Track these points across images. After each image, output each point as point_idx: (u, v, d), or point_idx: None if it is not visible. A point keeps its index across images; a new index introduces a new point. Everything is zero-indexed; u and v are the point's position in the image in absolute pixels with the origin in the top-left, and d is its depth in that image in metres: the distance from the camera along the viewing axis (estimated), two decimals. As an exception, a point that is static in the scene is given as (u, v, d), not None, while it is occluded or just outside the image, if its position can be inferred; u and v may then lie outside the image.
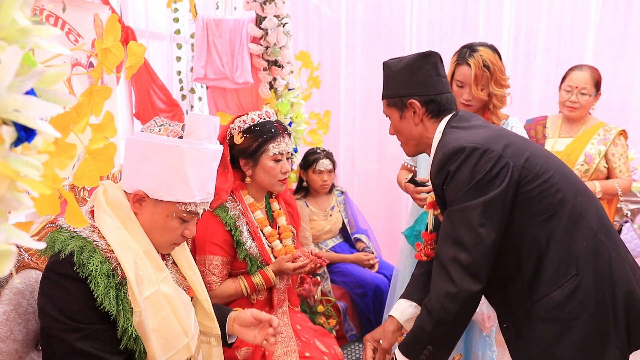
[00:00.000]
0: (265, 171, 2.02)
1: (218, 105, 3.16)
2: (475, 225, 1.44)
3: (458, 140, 1.51)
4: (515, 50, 3.89)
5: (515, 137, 1.57)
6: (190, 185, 1.39)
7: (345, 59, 4.11)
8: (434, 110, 1.63)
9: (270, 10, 2.88)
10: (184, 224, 1.46)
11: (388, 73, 1.70)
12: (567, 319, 1.45)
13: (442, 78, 1.66)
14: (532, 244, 1.48)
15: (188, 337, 1.44)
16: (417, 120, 1.64)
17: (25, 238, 0.64)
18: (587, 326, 1.44)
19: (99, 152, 0.83)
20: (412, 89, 1.63)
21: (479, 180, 1.44)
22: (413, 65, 1.63)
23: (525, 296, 1.50)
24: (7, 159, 0.59)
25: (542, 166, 1.49)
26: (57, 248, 1.30)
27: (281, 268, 2.01)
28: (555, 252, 1.46)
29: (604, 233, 1.49)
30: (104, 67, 0.93)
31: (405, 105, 1.64)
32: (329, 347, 2.06)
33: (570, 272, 1.45)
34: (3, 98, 0.57)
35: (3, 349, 1.39)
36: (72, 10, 2.07)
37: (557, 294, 1.45)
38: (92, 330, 1.28)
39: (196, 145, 1.38)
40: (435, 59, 1.64)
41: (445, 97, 1.64)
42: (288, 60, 3.05)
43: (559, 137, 2.86)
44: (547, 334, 1.48)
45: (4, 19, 0.60)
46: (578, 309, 1.44)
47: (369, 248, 3.31)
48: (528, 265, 1.49)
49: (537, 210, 1.47)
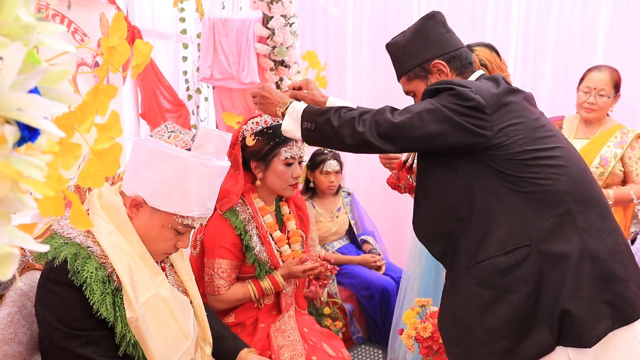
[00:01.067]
0: (276, 175, 1.99)
1: (224, 105, 3.15)
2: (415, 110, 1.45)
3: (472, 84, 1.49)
4: (525, 50, 3.86)
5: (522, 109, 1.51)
6: (190, 200, 1.36)
7: (352, 60, 4.09)
8: (458, 66, 1.61)
9: (277, 10, 2.86)
10: (178, 236, 1.43)
11: (397, 50, 1.67)
12: (502, 288, 1.41)
13: (453, 34, 1.65)
14: (490, 199, 1.44)
15: (189, 340, 1.42)
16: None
17: (29, 240, 0.63)
18: (521, 303, 1.40)
19: (104, 153, 0.81)
20: (430, 51, 1.60)
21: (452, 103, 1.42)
22: (422, 30, 1.61)
23: (471, 254, 1.46)
24: (10, 159, 0.58)
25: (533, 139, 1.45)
26: (50, 255, 1.28)
27: (290, 272, 1.99)
28: (513, 217, 1.42)
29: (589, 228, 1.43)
30: (110, 66, 0.91)
31: (429, 71, 1.61)
32: (337, 350, 2.04)
33: (522, 242, 1.41)
34: (6, 96, 0.55)
35: (7, 351, 1.37)
36: (78, 10, 2.06)
37: (503, 259, 1.41)
38: (92, 336, 1.27)
39: (203, 160, 1.36)
40: (441, 17, 1.63)
41: (464, 51, 1.64)
42: (295, 60, 3.04)
43: (574, 139, 2.80)
44: (477, 297, 1.45)
45: (7, 16, 0.58)
46: (517, 282, 1.40)
47: (376, 250, 3.29)
48: (480, 220, 1.45)
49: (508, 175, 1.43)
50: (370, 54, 4.05)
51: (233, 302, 1.98)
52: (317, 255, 2.11)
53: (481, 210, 1.45)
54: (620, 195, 2.64)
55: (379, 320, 3.00)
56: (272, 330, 1.98)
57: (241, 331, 1.98)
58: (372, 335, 3.03)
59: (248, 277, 2.01)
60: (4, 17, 0.58)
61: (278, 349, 1.92)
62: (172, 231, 1.40)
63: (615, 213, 2.69)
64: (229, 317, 2.02)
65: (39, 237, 1.56)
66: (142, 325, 1.29)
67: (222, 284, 1.95)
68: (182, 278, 1.56)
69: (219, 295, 1.95)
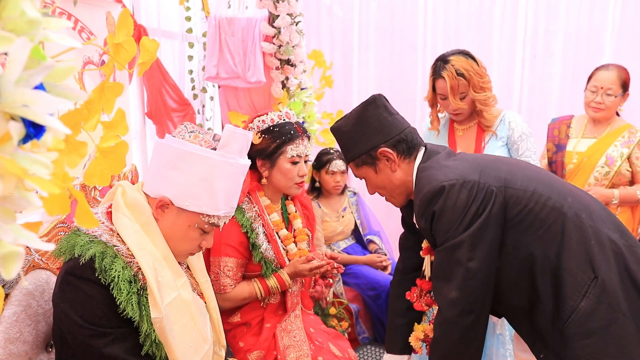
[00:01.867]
0: (282, 173, 1.98)
1: (230, 104, 3.14)
2: (463, 261, 1.42)
3: (431, 181, 1.48)
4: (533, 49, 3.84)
5: (487, 159, 1.54)
6: (217, 199, 1.37)
7: (358, 59, 4.08)
8: (404, 149, 1.59)
9: (283, 9, 2.85)
10: (203, 235, 1.44)
11: (341, 136, 1.65)
12: (602, 327, 1.38)
13: (396, 115, 1.62)
14: (543, 261, 1.43)
15: (207, 343, 1.43)
16: (395, 167, 1.60)
17: (34, 239, 0.62)
18: (625, 327, 1.37)
19: (110, 151, 0.81)
20: (374, 138, 1.58)
21: (465, 214, 1.42)
22: (363, 116, 1.59)
23: (554, 318, 1.44)
24: (15, 156, 0.57)
25: (523, 181, 1.46)
26: (77, 252, 1.27)
27: (296, 270, 1.99)
28: (568, 262, 1.41)
29: (604, 225, 1.44)
30: (116, 63, 0.90)
31: (376, 158, 1.60)
32: (343, 350, 2.03)
33: (589, 277, 1.39)
34: (11, 92, 0.55)
35: (12, 350, 1.37)
36: (84, 8, 2.05)
37: (584, 304, 1.39)
38: (119, 333, 1.27)
39: (229, 159, 1.37)
40: (382, 101, 1.60)
41: (409, 132, 1.61)
42: (301, 59, 3.02)
43: (582, 138, 2.78)
44: (587, 349, 1.40)
45: (13, 11, 0.57)
46: (609, 313, 1.38)
47: (382, 250, 3.27)
48: (545, 284, 1.44)
49: (534, 226, 1.43)
50: (376, 53, 4.04)
51: (239, 301, 1.97)
52: (324, 254, 2.10)
53: (541, 272, 1.44)
54: (626, 196, 2.62)
55: (385, 320, 2.98)
56: (278, 330, 1.97)
57: (247, 331, 1.97)
58: (378, 336, 3.01)
59: (254, 275, 2.01)
60: (9, 12, 0.57)
61: (284, 349, 1.91)
62: (198, 231, 1.41)
63: (623, 213, 2.67)
64: (235, 316, 2.01)
65: (45, 236, 1.56)
66: (166, 325, 1.29)
67: (228, 283, 1.94)
68: (198, 280, 1.57)
69: (225, 293, 1.94)
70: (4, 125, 0.55)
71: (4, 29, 0.56)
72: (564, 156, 2.77)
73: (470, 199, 1.41)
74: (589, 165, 2.69)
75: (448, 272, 1.46)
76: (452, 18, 3.91)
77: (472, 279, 1.42)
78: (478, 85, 2.23)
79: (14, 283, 1.43)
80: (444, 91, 2.25)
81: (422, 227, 1.53)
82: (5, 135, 0.55)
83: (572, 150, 2.76)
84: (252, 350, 1.91)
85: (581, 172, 2.72)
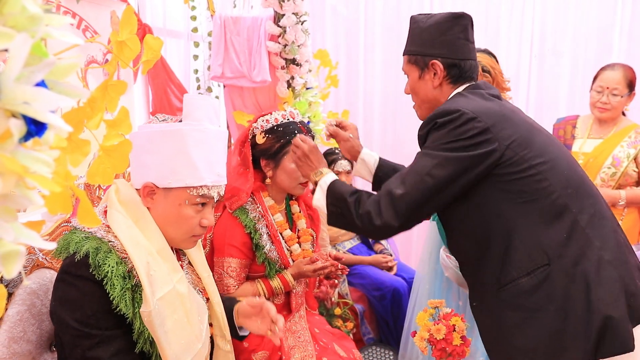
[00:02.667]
0: (286, 173, 1.97)
1: (235, 104, 3.13)
2: (424, 171, 1.44)
3: (454, 104, 1.49)
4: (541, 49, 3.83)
5: (517, 119, 1.52)
6: (197, 168, 1.35)
7: (364, 58, 4.06)
8: (455, 76, 1.59)
9: (289, 8, 2.84)
10: (200, 212, 1.40)
11: (415, 28, 1.65)
12: (531, 309, 1.41)
13: (470, 43, 1.62)
14: (504, 223, 1.44)
15: (200, 342, 1.40)
16: (437, 83, 1.60)
17: (36, 238, 0.61)
18: (550, 321, 1.39)
19: (113, 149, 0.80)
20: (437, 49, 1.58)
21: (454, 140, 1.43)
22: (442, 25, 1.58)
23: (495, 278, 1.46)
24: (16, 154, 0.56)
25: (533, 151, 1.45)
26: (72, 249, 1.26)
27: (300, 271, 1.98)
28: (527, 237, 1.42)
29: (595, 231, 1.43)
30: (120, 61, 0.89)
31: (427, 65, 1.60)
32: (348, 351, 2.02)
33: (542, 261, 1.40)
34: (11, 89, 0.54)
35: (16, 349, 1.37)
36: (89, 7, 2.05)
37: (525, 281, 1.41)
38: (104, 336, 1.25)
39: (197, 126, 1.35)
40: (466, 22, 1.59)
41: (469, 64, 1.60)
42: (306, 58, 3.01)
43: (588, 138, 2.75)
44: (509, 321, 1.44)
45: (13, 7, 0.57)
46: (543, 301, 1.40)
47: (387, 250, 3.26)
48: (498, 245, 1.45)
49: (514, 192, 1.44)
50: (382, 53, 4.02)
51: (242, 302, 1.96)
52: (328, 255, 2.09)
53: (498, 234, 1.45)
54: (633, 196, 2.60)
55: (390, 321, 2.97)
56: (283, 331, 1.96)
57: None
58: (383, 336, 3.00)
59: (258, 276, 2.00)
60: (10, 8, 0.56)
61: (289, 350, 1.90)
62: (192, 207, 1.38)
63: (629, 214, 2.65)
64: (240, 317, 2.01)
65: (48, 235, 1.55)
66: (155, 320, 1.27)
67: (231, 283, 1.93)
68: (200, 275, 1.55)
69: (229, 294, 1.93)
70: (5, 123, 0.54)
71: (5, 25, 0.55)
72: None
73: (468, 133, 1.42)
74: (595, 166, 2.67)
75: (407, 172, 1.49)
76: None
77: (418, 190, 1.44)
78: (500, 84, 2.28)
79: (17, 282, 1.42)
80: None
81: (420, 134, 1.55)
82: (5, 132, 0.54)
83: (577, 151, 2.74)
84: (257, 351, 1.90)
85: (587, 173, 2.69)
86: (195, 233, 1.43)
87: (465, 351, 1.85)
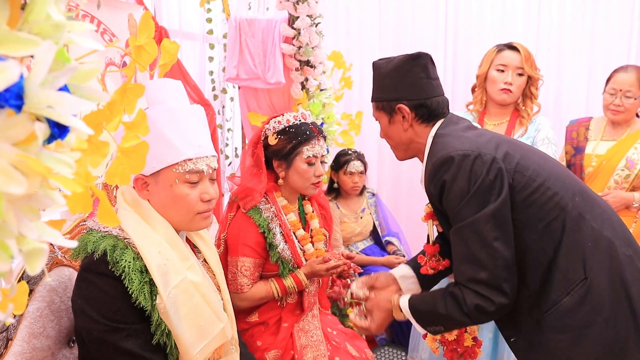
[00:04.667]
0: (298, 174, 2.00)
1: (250, 105, 3.16)
2: (489, 240, 1.37)
3: (447, 148, 1.46)
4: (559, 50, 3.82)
5: (505, 140, 1.52)
6: (174, 145, 1.36)
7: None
8: (424, 115, 1.57)
9: (303, 10, 2.86)
10: (196, 188, 1.41)
11: (377, 75, 1.64)
12: (579, 327, 1.38)
13: (433, 80, 1.60)
14: (538, 252, 1.41)
15: (222, 322, 1.43)
16: (407, 126, 1.59)
17: (58, 236, 0.64)
18: (602, 332, 1.37)
19: (131, 151, 0.82)
20: (400, 93, 1.57)
21: (477, 187, 1.38)
22: (402, 68, 1.57)
23: (534, 306, 1.44)
24: (40, 155, 0.59)
25: (534, 169, 1.44)
26: (90, 249, 1.30)
27: (313, 270, 1.99)
28: (562, 258, 1.40)
29: (610, 231, 1.42)
30: (138, 65, 0.92)
31: (394, 110, 1.59)
32: (360, 350, 2.03)
33: (579, 277, 1.38)
34: (36, 94, 0.56)
35: (36, 345, 1.40)
36: (106, 10, 2.09)
37: (567, 300, 1.39)
38: (132, 330, 1.29)
39: (161, 107, 1.37)
40: (425, 61, 1.57)
41: (436, 101, 1.58)
42: (320, 60, 3.03)
43: (601, 140, 2.73)
44: (560, 344, 1.41)
45: (39, 15, 0.59)
46: (590, 315, 1.37)
47: (400, 251, 3.27)
48: (534, 274, 1.42)
49: (536, 216, 1.41)
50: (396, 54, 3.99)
51: (256, 301, 1.99)
52: (340, 254, 2.10)
53: (532, 263, 1.43)
54: None
55: (403, 322, 2.98)
56: (296, 330, 1.98)
57: (264, 330, 1.99)
58: (395, 337, 3.01)
59: (271, 275, 2.02)
60: (35, 16, 0.59)
61: (301, 349, 1.92)
62: (183, 185, 1.39)
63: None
64: (253, 316, 2.03)
65: (67, 234, 1.59)
66: (170, 309, 1.31)
67: (245, 282, 1.96)
68: (214, 272, 1.58)
69: (242, 293, 1.96)
70: (30, 126, 0.56)
71: (30, 32, 0.58)
72: (583, 159, 2.73)
73: (483, 171, 1.38)
74: (609, 168, 2.65)
75: (472, 252, 1.40)
76: (474, 17, 3.88)
77: (499, 259, 1.37)
78: (535, 71, 2.42)
79: (37, 280, 1.46)
80: (509, 61, 2.40)
81: (431, 193, 1.51)
82: (30, 135, 0.57)
83: (591, 153, 2.72)
84: (270, 350, 1.92)
85: (601, 175, 2.68)
86: (198, 210, 1.43)
87: (476, 352, 1.85)
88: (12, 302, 0.70)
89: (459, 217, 1.42)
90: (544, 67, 3.84)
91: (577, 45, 3.81)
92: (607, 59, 3.76)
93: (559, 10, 3.79)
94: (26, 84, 0.55)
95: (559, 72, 3.86)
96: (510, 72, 2.38)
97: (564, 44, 3.82)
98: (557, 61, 3.85)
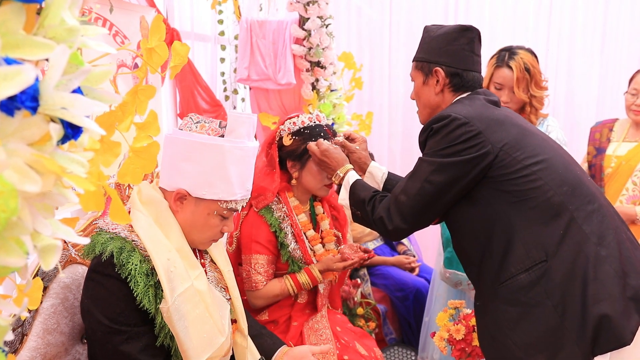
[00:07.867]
0: (311, 175, 2.01)
1: (261, 106, 3.18)
2: (423, 178, 1.53)
3: (450, 110, 1.55)
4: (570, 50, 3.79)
5: (511, 123, 1.57)
6: (232, 184, 1.40)
7: (388, 61, 4.07)
8: (457, 84, 1.65)
9: (314, 11, 2.88)
10: (224, 221, 1.47)
11: (425, 37, 1.72)
12: (528, 304, 1.44)
13: (475, 56, 1.68)
14: (504, 223, 1.48)
15: (223, 336, 1.44)
16: (438, 90, 1.67)
17: (71, 233, 0.66)
18: (548, 316, 1.41)
19: (142, 151, 0.84)
20: (441, 57, 1.65)
21: (447, 146, 1.50)
22: (450, 35, 1.65)
23: (495, 276, 1.50)
24: (54, 155, 0.61)
25: (526, 153, 1.50)
26: (98, 250, 1.32)
27: (328, 267, 2.01)
28: (527, 235, 1.45)
29: (594, 228, 1.44)
30: (149, 67, 0.94)
31: (430, 72, 1.67)
32: (369, 349, 2.04)
33: (540, 258, 1.43)
34: (51, 96, 0.58)
35: (50, 340, 1.43)
36: (119, 13, 2.12)
37: (523, 277, 1.44)
38: (133, 332, 1.31)
39: (238, 143, 1.40)
40: (473, 35, 1.65)
41: (472, 75, 1.66)
42: (331, 61, 3.05)
43: (623, 141, 2.69)
44: (506, 315, 1.47)
45: (53, 19, 0.61)
46: (541, 297, 1.42)
47: (410, 251, 3.27)
48: (498, 244, 1.48)
49: (510, 192, 1.48)
50: (406, 55, 4.02)
51: (271, 298, 2.01)
52: (358, 246, 2.11)
53: (498, 233, 1.49)
54: None
55: (413, 321, 2.99)
56: (305, 329, 2.00)
57: (274, 329, 2.00)
58: (405, 337, 3.01)
59: (282, 274, 2.04)
60: (50, 21, 0.61)
61: (310, 347, 1.93)
62: (218, 217, 1.44)
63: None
64: (263, 314, 2.05)
65: (82, 232, 1.62)
66: (174, 315, 1.32)
67: (259, 280, 1.98)
68: (222, 270, 1.60)
69: (257, 290, 1.97)
70: (45, 127, 0.58)
71: (45, 36, 0.60)
72: (603, 159, 2.70)
73: (461, 137, 1.48)
74: (628, 169, 2.62)
75: (409, 178, 1.58)
76: (485, 17, 3.88)
77: (419, 196, 1.53)
78: (539, 83, 2.33)
79: (52, 276, 1.49)
80: (504, 81, 2.33)
81: (419, 140, 1.63)
82: (45, 135, 0.59)
83: (611, 154, 2.68)
84: (279, 347, 1.93)
85: (619, 176, 2.64)
86: (215, 238, 1.51)
87: (485, 352, 1.85)
88: (27, 297, 0.72)
89: (423, 153, 1.59)
90: (555, 67, 3.84)
91: (588, 45, 3.79)
92: (618, 59, 3.73)
93: (570, 9, 3.78)
94: (41, 86, 0.57)
95: (570, 72, 3.84)
96: (507, 92, 2.34)
97: (576, 44, 3.80)
98: (569, 61, 3.84)
